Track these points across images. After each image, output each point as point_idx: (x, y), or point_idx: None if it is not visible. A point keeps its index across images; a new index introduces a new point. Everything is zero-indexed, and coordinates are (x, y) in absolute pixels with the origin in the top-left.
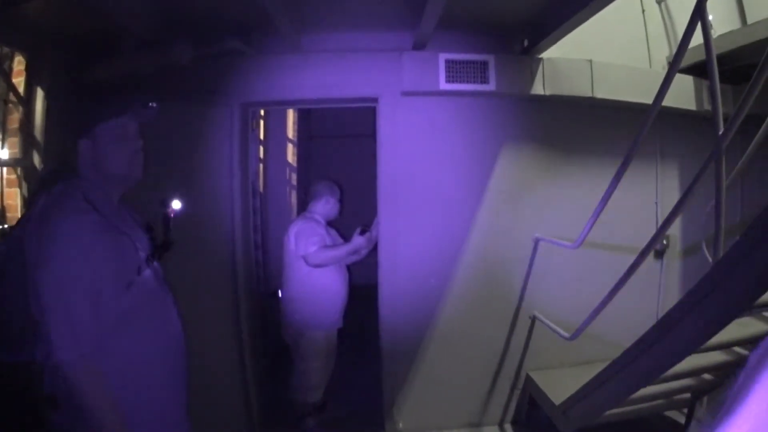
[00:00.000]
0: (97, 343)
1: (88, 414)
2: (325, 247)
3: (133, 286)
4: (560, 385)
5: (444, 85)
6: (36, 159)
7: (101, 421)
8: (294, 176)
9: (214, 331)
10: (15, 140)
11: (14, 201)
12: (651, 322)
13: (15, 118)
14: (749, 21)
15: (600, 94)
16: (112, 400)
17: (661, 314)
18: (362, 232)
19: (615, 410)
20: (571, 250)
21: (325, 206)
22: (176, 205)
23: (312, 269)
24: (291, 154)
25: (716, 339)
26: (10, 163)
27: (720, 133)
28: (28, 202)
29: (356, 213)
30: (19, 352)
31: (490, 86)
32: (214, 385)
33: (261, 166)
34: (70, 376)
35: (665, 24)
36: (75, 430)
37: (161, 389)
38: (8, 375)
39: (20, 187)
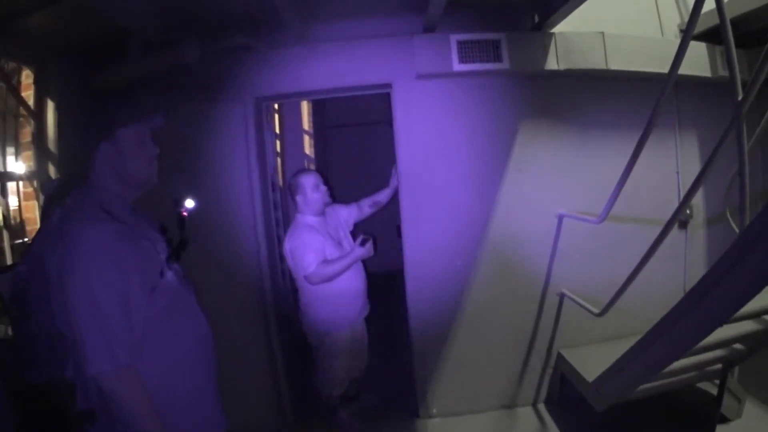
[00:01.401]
0: (132, 352)
1: (128, 424)
2: (325, 262)
3: (157, 290)
4: (591, 362)
5: (457, 66)
6: (51, 170)
7: (141, 428)
8: (313, 167)
9: (242, 327)
10: (29, 153)
11: (32, 214)
12: (678, 294)
13: (27, 131)
14: None
15: (614, 66)
16: (152, 407)
17: (687, 285)
18: (363, 242)
19: (647, 384)
20: (596, 225)
21: (312, 198)
22: (189, 204)
23: None
24: (308, 146)
25: (746, 308)
26: (26, 177)
27: (739, 99)
28: (41, 217)
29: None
30: (49, 372)
31: (504, 64)
32: (245, 380)
33: (279, 159)
34: (109, 388)
35: None
36: None
37: (194, 388)
38: (41, 395)
39: (37, 199)
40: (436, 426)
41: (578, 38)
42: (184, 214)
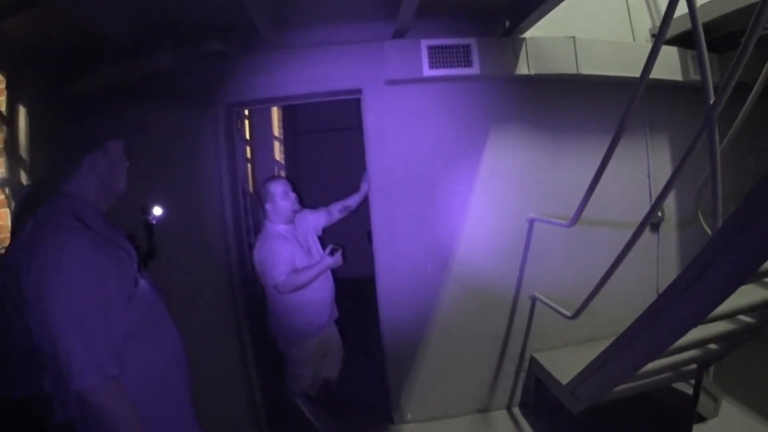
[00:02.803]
0: (116, 363)
1: None
2: (294, 272)
3: (133, 299)
4: (565, 365)
5: (428, 72)
6: (23, 178)
7: None
8: (283, 174)
9: (214, 335)
10: (0, 160)
11: (5, 221)
12: (651, 296)
13: None
14: None
15: (585, 70)
16: (138, 419)
17: (660, 287)
18: (332, 252)
19: (623, 386)
20: (567, 229)
21: (281, 206)
22: (157, 211)
23: None
24: (278, 152)
25: (719, 309)
26: None
27: (711, 102)
28: (13, 227)
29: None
30: (27, 387)
31: (474, 69)
32: (219, 391)
33: (249, 165)
34: (95, 401)
35: None
36: None
37: (171, 400)
38: (17, 411)
39: (9, 207)
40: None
41: (549, 43)
42: (152, 222)
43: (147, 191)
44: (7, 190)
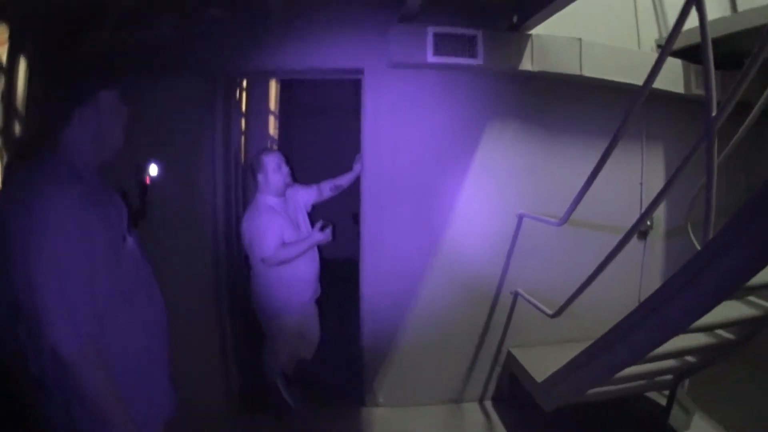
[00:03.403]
0: (95, 323)
1: (86, 397)
2: (283, 245)
3: (120, 258)
4: (542, 363)
5: (432, 58)
6: (17, 129)
7: (100, 405)
8: (275, 149)
9: (196, 304)
10: None
11: None
12: (632, 302)
13: None
14: (740, 9)
15: (588, 73)
16: (112, 380)
17: (642, 295)
18: (323, 228)
19: (597, 389)
20: (556, 228)
21: (273, 178)
22: (153, 170)
23: None
24: (273, 127)
25: (701, 321)
26: None
27: (713, 115)
28: (4, 178)
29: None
30: (9, 343)
31: (478, 60)
32: (195, 361)
33: (243, 138)
34: (70, 359)
35: (655, 6)
36: (65, 414)
37: (151, 363)
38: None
39: (1, 158)
40: (381, 415)
41: (555, 42)
42: (147, 181)
43: (139, 151)
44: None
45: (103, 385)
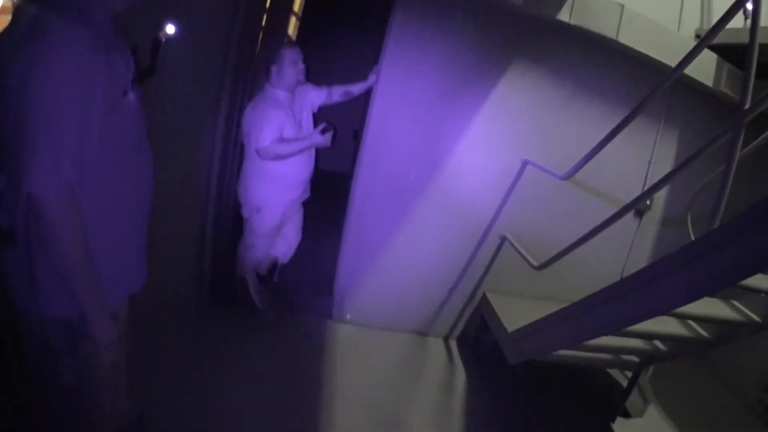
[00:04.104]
0: (78, 172)
1: (54, 250)
2: (281, 140)
3: (117, 110)
4: (515, 314)
5: None
6: None
7: (66, 262)
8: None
9: (183, 183)
10: None
11: None
12: (614, 276)
13: None
14: None
15: (623, 40)
16: (82, 236)
17: (626, 271)
18: (324, 131)
19: (563, 352)
20: (555, 183)
21: (287, 72)
22: (170, 29)
23: None
24: (293, 27)
25: (682, 308)
26: None
27: (745, 107)
28: (11, 20)
29: (349, 106)
30: None
31: (518, 0)
32: (172, 243)
33: (261, 33)
34: (44, 205)
35: None
36: (29, 269)
37: (127, 226)
38: None
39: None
40: (346, 331)
41: (597, 1)
42: (162, 39)
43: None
44: None
45: (72, 241)
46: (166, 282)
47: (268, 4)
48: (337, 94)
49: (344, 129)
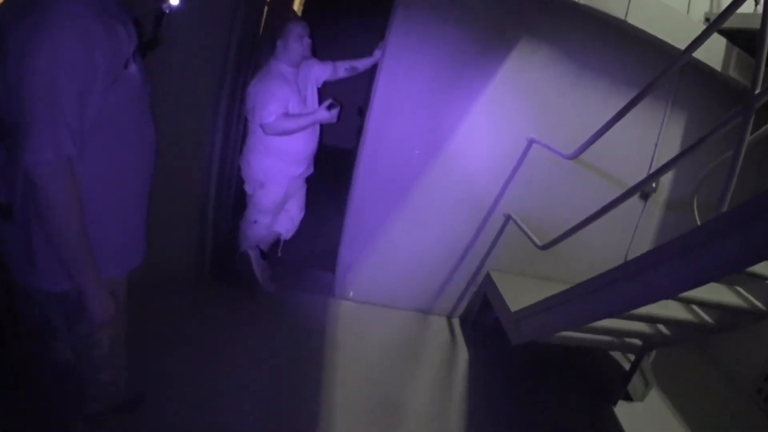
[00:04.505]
0: (78, 145)
1: (51, 224)
2: (285, 116)
3: (118, 82)
4: (518, 293)
5: None
6: None
7: (64, 236)
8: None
9: (185, 159)
10: None
11: None
12: (618, 258)
13: None
14: None
15: (632, 21)
16: (79, 211)
17: (630, 254)
18: (330, 107)
19: (566, 334)
20: (561, 163)
21: (292, 47)
22: (174, 0)
23: None
24: (298, 3)
25: (688, 293)
26: None
27: (756, 92)
28: None
29: (354, 82)
30: None
31: None
32: (173, 213)
33: (266, 8)
34: (41, 179)
35: None
36: (26, 245)
37: (126, 201)
38: None
39: None
40: (348, 309)
41: None
42: (165, 10)
43: None
44: None
45: (69, 216)
46: (166, 257)
47: None
48: (342, 69)
49: (349, 105)
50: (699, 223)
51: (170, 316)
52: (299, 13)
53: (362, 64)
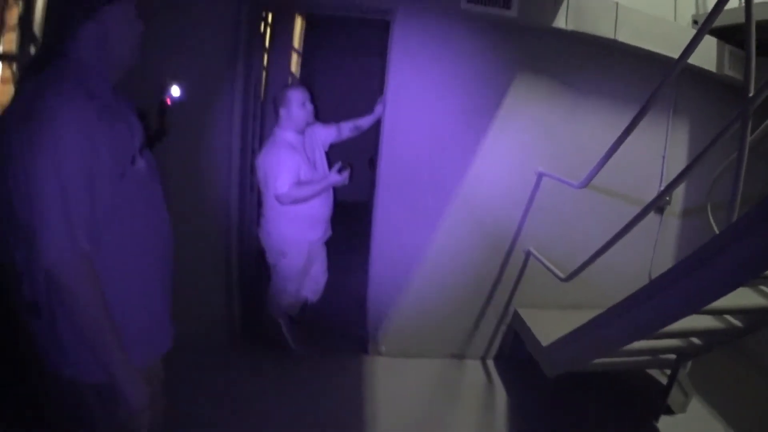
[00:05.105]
0: (93, 241)
1: (78, 320)
2: (298, 184)
3: (126, 177)
4: (548, 326)
5: (465, 5)
6: (32, 53)
7: (91, 328)
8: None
9: (203, 237)
10: (12, 36)
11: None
12: (642, 276)
13: (14, 13)
14: None
15: (622, 38)
16: (105, 303)
17: (654, 270)
18: (340, 170)
19: (601, 360)
20: (573, 191)
21: (296, 114)
22: (175, 91)
23: None
24: (295, 64)
25: (713, 303)
26: (7, 59)
27: (750, 95)
28: (14, 92)
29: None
30: (7, 268)
31: (512, 12)
32: (199, 292)
33: (264, 73)
34: (63, 277)
35: None
36: (57, 339)
37: (148, 291)
38: None
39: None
40: (383, 364)
41: (591, 2)
42: (168, 101)
43: (161, 71)
44: (14, 66)
45: (94, 309)
46: (197, 331)
47: (267, 44)
48: (346, 129)
49: (359, 158)
50: (715, 227)
51: (205, 386)
52: (297, 76)
53: (366, 121)
